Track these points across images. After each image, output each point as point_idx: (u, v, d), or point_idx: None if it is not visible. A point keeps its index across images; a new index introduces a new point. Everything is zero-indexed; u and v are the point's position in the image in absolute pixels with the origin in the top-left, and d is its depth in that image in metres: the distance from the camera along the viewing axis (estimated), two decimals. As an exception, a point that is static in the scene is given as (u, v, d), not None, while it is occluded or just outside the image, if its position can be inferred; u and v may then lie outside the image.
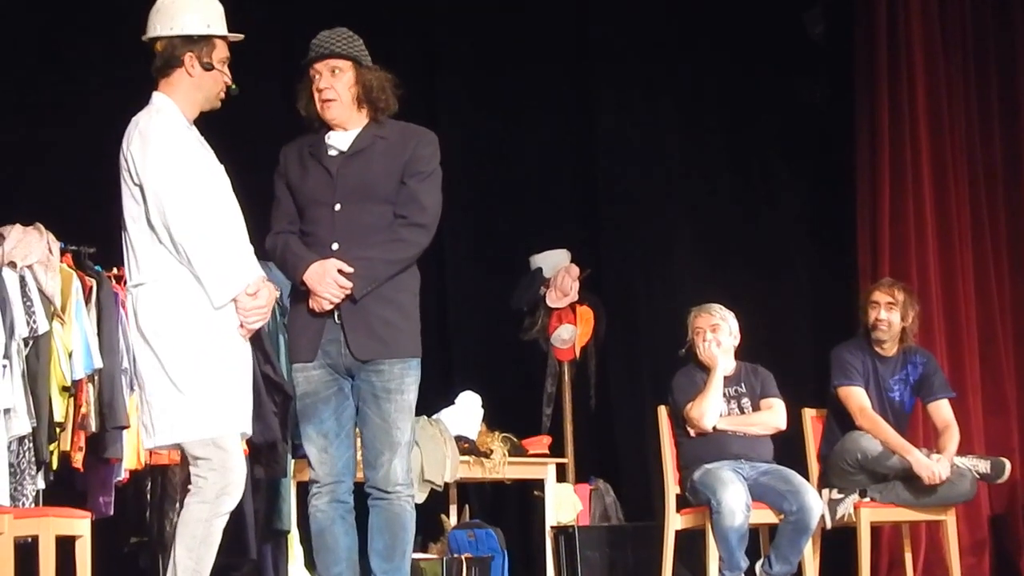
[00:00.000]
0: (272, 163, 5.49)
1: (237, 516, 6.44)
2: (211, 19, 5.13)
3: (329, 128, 5.37)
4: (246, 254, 5.10)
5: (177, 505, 6.16)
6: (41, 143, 7.94)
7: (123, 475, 6.77)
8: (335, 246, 5.25)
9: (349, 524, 5.35)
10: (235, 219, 5.10)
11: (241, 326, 5.03)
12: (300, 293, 5.32)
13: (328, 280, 5.20)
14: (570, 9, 9.62)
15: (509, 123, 9.53)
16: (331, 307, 5.23)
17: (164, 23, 5.10)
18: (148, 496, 7.18)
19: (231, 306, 4.99)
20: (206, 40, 5.10)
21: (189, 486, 4.94)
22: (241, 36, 5.21)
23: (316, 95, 5.34)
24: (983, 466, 7.54)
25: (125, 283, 5.20)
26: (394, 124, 5.40)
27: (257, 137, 7.38)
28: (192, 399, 4.90)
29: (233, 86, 5.18)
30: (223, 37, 5.16)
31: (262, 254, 5.27)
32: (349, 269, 5.20)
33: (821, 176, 9.53)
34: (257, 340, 5.22)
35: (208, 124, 5.23)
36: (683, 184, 9.59)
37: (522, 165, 9.54)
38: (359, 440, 5.36)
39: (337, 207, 5.28)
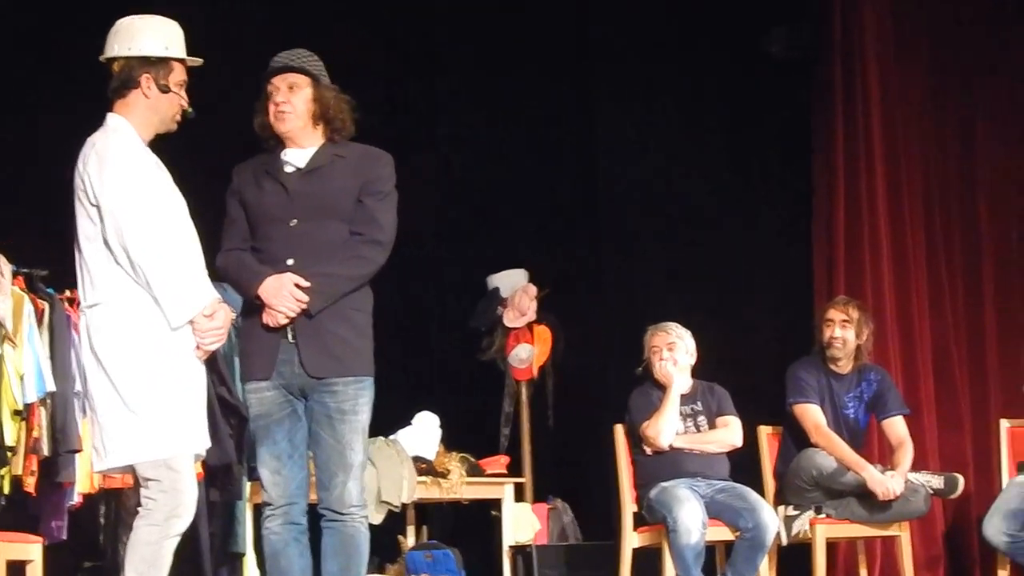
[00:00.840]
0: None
1: (193, 539, 6.44)
2: (170, 42, 5.13)
3: (283, 146, 5.37)
4: (201, 276, 5.09)
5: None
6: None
7: (76, 499, 6.72)
8: (290, 262, 5.23)
9: (303, 546, 5.32)
10: (191, 241, 5.09)
11: (197, 347, 5.02)
12: (253, 310, 5.29)
13: (284, 293, 5.18)
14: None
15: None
16: (286, 321, 5.22)
17: (122, 44, 5.09)
18: (102, 520, 7.15)
19: (187, 327, 4.98)
20: (164, 63, 5.10)
21: (139, 508, 4.92)
22: (200, 60, 5.22)
23: (271, 108, 5.34)
24: (936, 482, 7.58)
25: (78, 305, 5.18)
26: (351, 145, 5.41)
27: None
28: (144, 420, 4.88)
29: (189, 109, 5.17)
30: (181, 60, 5.15)
31: (215, 275, 5.26)
32: (306, 283, 5.19)
33: (781, 194, 9.55)
34: (212, 363, 5.23)
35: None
36: (640, 206, 9.61)
37: (486, 180, 9.56)
38: (312, 461, 5.35)
39: (293, 223, 5.27)
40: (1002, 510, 7.61)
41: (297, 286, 5.18)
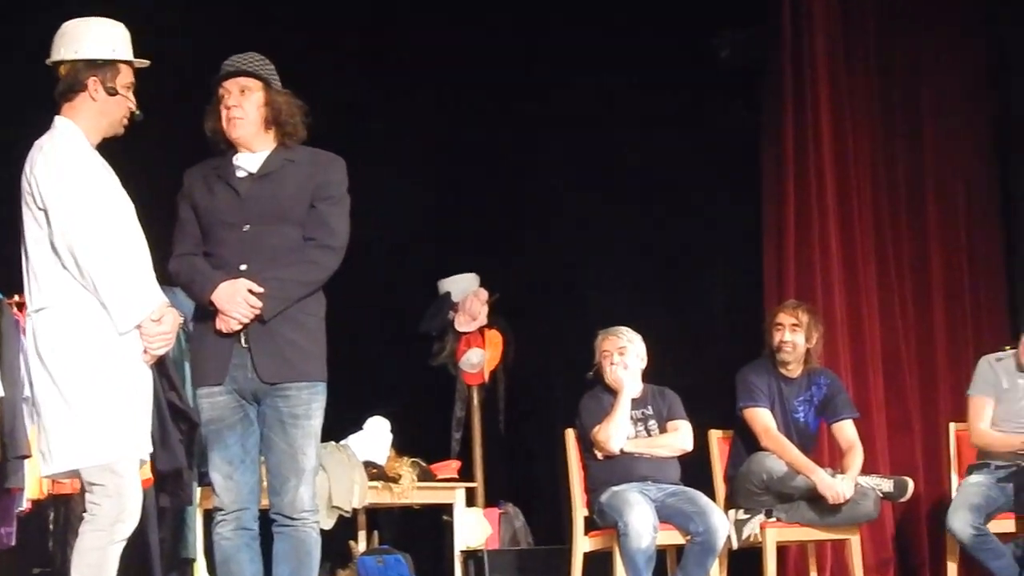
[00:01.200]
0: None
1: (142, 545, 6.41)
2: (116, 44, 5.11)
3: (235, 150, 5.35)
4: (149, 280, 5.07)
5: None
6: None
7: (25, 505, 6.69)
8: (243, 267, 5.22)
9: (255, 551, 5.31)
10: (139, 245, 5.07)
11: (145, 352, 4.99)
12: (206, 315, 5.27)
13: (238, 299, 5.16)
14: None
15: (423, 142, 9.53)
16: (239, 327, 5.20)
17: (68, 47, 5.07)
18: (51, 526, 7.12)
19: (134, 332, 4.96)
20: (111, 65, 5.07)
21: (84, 513, 4.90)
22: (147, 62, 5.19)
23: (223, 113, 5.32)
24: (886, 485, 7.61)
25: (26, 309, 5.15)
26: (303, 149, 5.39)
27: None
28: (89, 424, 4.85)
29: (137, 112, 5.15)
30: (128, 62, 5.13)
31: (165, 279, 5.24)
32: (259, 289, 5.17)
33: (733, 199, 9.57)
34: (162, 367, 5.20)
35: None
36: (593, 208, 9.62)
37: (435, 185, 9.55)
38: (263, 466, 5.33)
39: (246, 228, 5.25)
40: (966, 504, 7.65)
41: (251, 291, 5.16)
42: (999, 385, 7.92)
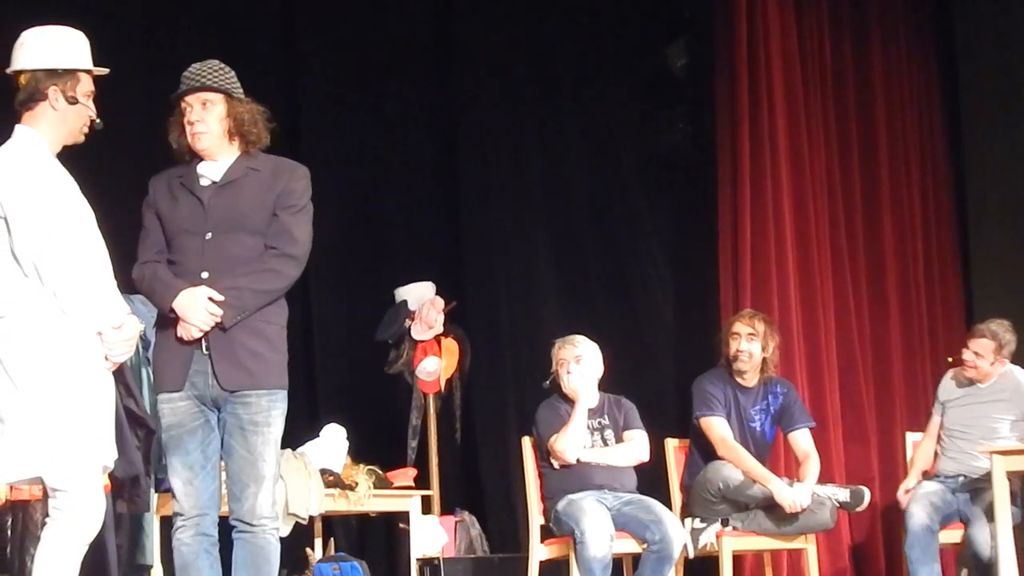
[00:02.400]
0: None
1: (99, 552, 6.38)
2: (76, 52, 5.11)
3: (199, 158, 5.36)
4: (110, 288, 5.07)
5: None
6: None
7: (-16, 512, 6.66)
8: (205, 275, 5.24)
9: (214, 557, 5.32)
10: (100, 253, 5.07)
11: (106, 359, 4.99)
12: (167, 322, 5.29)
13: (199, 307, 5.18)
14: (433, 56, 9.67)
15: (374, 152, 9.54)
16: (200, 335, 5.21)
17: (28, 56, 5.07)
18: (9, 533, 7.07)
19: (95, 339, 4.96)
20: (70, 74, 5.07)
21: (47, 519, 4.89)
22: (106, 70, 5.19)
23: (187, 127, 5.33)
24: (843, 494, 7.64)
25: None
26: (266, 157, 5.42)
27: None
28: (52, 431, 4.84)
29: (97, 120, 5.15)
30: (88, 71, 5.13)
31: (126, 287, 5.24)
32: (220, 297, 5.19)
33: (686, 208, 9.60)
34: (120, 374, 5.20)
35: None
36: (547, 216, 9.64)
37: (387, 195, 9.55)
38: (224, 472, 5.34)
39: (208, 236, 5.27)
40: (926, 499, 7.82)
41: (211, 299, 5.17)
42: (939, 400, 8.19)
